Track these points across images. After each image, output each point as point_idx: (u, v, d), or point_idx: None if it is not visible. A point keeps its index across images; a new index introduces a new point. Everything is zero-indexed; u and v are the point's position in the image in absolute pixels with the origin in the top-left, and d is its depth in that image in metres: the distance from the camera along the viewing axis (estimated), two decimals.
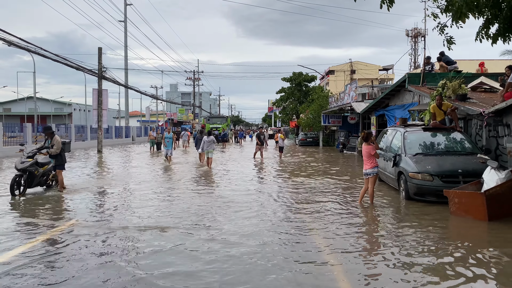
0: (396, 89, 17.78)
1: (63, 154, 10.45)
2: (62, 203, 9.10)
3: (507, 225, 6.82)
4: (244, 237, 6.08)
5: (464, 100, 11.95)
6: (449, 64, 15.16)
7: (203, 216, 7.57)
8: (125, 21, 40.06)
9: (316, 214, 7.77)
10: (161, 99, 63.54)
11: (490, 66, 18.03)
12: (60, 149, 10.12)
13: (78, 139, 32.33)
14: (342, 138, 29.13)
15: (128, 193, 10.45)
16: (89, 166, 17.46)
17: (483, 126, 10.69)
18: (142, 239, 6.04)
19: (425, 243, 5.84)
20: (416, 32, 63.39)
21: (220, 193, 10.30)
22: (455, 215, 7.57)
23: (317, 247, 5.67)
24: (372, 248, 5.80)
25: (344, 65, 56.27)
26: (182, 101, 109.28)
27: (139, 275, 4.55)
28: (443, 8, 9.33)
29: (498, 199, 7.05)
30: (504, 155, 9.78)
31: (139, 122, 70.64)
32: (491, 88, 13.62)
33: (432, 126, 10.93)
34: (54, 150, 10.04)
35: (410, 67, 62.21)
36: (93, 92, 27.88)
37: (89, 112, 56.33)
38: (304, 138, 38.40)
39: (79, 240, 5.94)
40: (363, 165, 8.91)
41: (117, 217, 7.61)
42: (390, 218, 7.64)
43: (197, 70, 65.16)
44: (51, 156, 10.19)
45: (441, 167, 8.85)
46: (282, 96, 52.14)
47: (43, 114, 64.89)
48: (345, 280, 4.50)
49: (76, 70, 25.46)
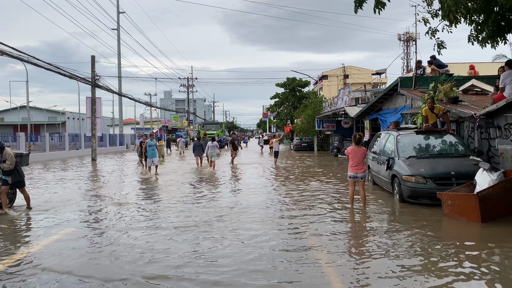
0: (388, 93, 17.90)
1: (20, 169, 9.07)
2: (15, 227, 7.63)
3: (500, 226, 6.87)
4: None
5: (456, 102, 12.05)
6: (440, 68, 15.30)
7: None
8: (118, 29, 40.09)
9: (310, 218, 7.78)
10: (155, 106, 63.49)
11: (482, 69, 18.24)
12: (14, 164, 8.73)
13: (72, 147, 32.19)
14: (336, 142, 29.23)
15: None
16: (77, 178, 15.84)
17: (475, 128, 10.78)
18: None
19: (419, 245, 5.87)
20: (408, 36, 63.93)
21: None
22: (448, 217, 7.61)
23: (315, 258, 5.68)
24: (366, 250, 5.81)
25: (337, 70, 56.56)
26: (176, 108, 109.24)
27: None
28: (433, 13, 9.47)
29: (490, 200, 7.11)
30: (496, 156, 9.87)
31: (133, 130, 70.41)
32: (482, 91, 13.76)
33: (424, 129, 11.02)
34: (7, 165, 8.64)
35: (403, 71, 62.66)
36: (86, 101, 27.80)
37: (83, 121, 56.15)
38: (299, 143, 38.47)
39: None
40: (351, 168, 8.79)
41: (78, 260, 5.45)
42: (384, 221, 7.66)
43: (191, 77, 65.22)
44: (4, 172, 8.77)
45: (434, 169, 8.90)
46: (277, 101, 52.34)
47: (36, 123, 64.59)
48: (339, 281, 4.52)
49: (69, 78, 25.40)
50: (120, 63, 39.95)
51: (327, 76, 63.35)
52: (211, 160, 18.40)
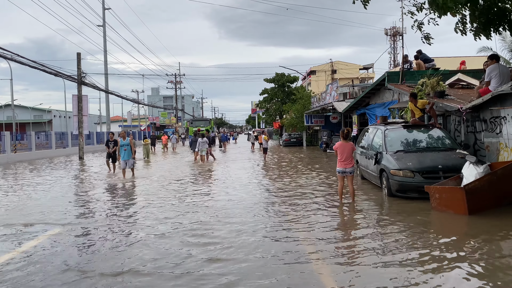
0: (376, 87, 17.99)
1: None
2: None
3: (486, 218, 6.96)
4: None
5: (442, 97, 12.15)
6: (426, 62, 15.41)
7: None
8: (103, 26, 39.56)
9: (300, 212, 7.79)
10: (142, 103, 63.01)
11: (468, 63, 18.37)
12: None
13: (59, 146, 31.78)
14: (325, 137, 29.34)
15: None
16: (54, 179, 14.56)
17: (461, 122, 10.89)
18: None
19: (408, 238, 5.92)
20: (395, 31, 64.36)
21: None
22: (436, 210, 7.69)
23: (302, 249, 5.68)
24: (355, 244, 5.83)
25: (325, 65, 56.74)
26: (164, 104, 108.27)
27: None
28: (419, 6, 9.54)
29: (477, 193, 7.19)
30: (482, 149, 9.99)
31: (121, 127, 69.82)
32: (468, 85, 13.89)
33: (411, 123, 11.10)
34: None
35: (390, 65, 63.11)
36: (73, 98, 27.45)
37: (70, 119, 55.41)
38: (288, 139, 38.52)
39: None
40: (340, 163, 8.81)
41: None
42: (373, 215, 7.70)
43: (179, 73, 64.84)
44: None
45: (421, 163, 8.98)
46: (265, 97, 52.32)
47: (22, 122, 63.63)
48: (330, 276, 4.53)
49: (55, 76, 25.07)
50: (107, 60, 39.47)
51: (315, 71, 63.52)
52: (200, 154, 19.94)
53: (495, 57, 10.02)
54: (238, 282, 4.47)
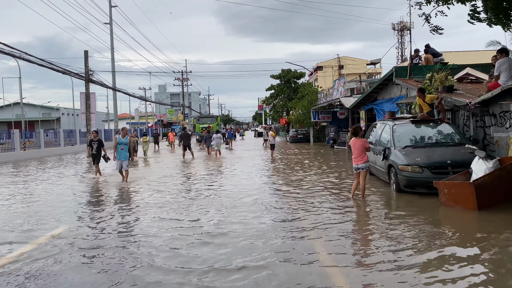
0: (384, 82, 17.88)
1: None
2: None
3: (496, 213, 6.91)
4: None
5: (451, 91, 12.05)
6: (435, 57, 15.27)
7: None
8: (110, 23, 39.71)
9: (311, 210, 7.80)
10: (149, 101, 63.20)
11: (476, 58, 18.21)
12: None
13: (68, 143, 32.01)
14: (332, 133, 29.25)
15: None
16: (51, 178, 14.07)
17: (470, 117, 10.80)
18: None
19: (417, 234, 5.89)
20: (402, 26, 63.87)
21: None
22: (445, 206, 7.64)
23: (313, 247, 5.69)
24: (365, 242, 5.83)
25: (332, 60, 56.47)
26: (171, 101, 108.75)
27: None
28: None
29: (486, 188, 7.13)
30: (492, 144, 9.90)
31: (129, 125, 70.18)
32: (477, 79, 13.76)
33: (420, 118, 11.02)
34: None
35: (398, 60, 62.68)
36: (80, 96, 27.71)
37: (78, 116, 55.81)
38: (295, 135, 38.47)
39: None
40: (353, 160, 8.90)
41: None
42: (382, 211, 7.68)
43: (186, 70, 64.92)
44: None
45: (430, 158, 8.92)
46: (272, 93, 52.21)
47: (31, 120, 64.20)
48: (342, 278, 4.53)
49: (62, 74, 25.26)
50: (114, 57, 39.66)
51: (322, 67, 63.27)
52: (217, 149, 22.08)
53: (505, 51, 9.90)
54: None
